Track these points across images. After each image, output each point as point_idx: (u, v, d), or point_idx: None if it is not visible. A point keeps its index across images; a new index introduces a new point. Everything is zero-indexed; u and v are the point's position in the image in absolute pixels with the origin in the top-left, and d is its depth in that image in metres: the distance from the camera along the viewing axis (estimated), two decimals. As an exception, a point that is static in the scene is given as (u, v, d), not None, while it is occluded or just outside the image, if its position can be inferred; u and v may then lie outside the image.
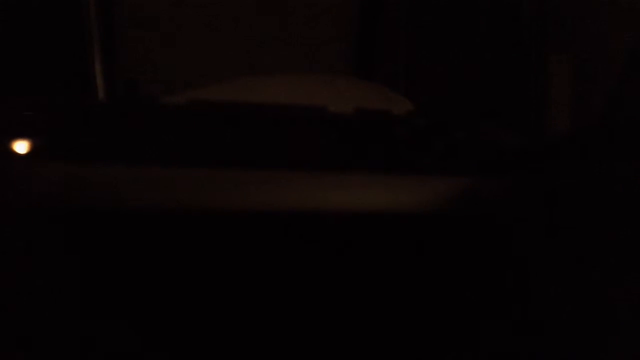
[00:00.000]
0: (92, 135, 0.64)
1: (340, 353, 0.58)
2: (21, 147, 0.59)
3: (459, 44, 1.77)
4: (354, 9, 1.82)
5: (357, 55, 1.82)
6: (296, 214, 0.57)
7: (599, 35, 1.60)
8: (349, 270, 0.58)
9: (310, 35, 1.79)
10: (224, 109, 0.73)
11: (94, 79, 1.55)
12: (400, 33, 1.80)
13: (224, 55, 1.74)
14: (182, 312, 0.56)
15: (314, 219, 0.58)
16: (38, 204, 0.54)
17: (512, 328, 0.58)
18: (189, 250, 0.56)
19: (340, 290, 0.58)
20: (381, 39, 1.82)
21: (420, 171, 0.62)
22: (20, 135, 0.60)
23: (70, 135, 0.64)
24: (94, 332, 0.54)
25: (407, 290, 0.59)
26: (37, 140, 0.60)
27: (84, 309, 0.55)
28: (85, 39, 1.56)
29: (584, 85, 1.63)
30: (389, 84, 1.42)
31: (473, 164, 0.62)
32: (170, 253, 0.56)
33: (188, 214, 0.56)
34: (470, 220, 0.58)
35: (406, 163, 0.63)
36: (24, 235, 0.54)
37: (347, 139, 0.68)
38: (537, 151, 0.64)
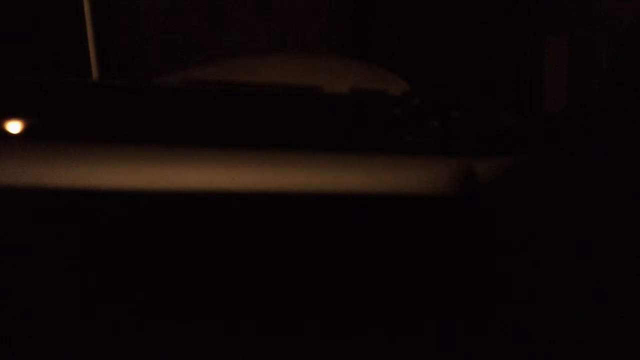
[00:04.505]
0: (84, 115, 0.64)
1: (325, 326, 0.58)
2: (13, 126, 0.59)
3: (455, 25, 1.77)
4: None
5: (352, 36, 1.81)
6: (291, 193, 0.57)
7: (596, 15, 1.60)
8: (345, 248, 0.58)
9: (305, 15, 1.78)
10: (218, 88, 0.72)
11: (88, 59, 1.54)
12: (396, 14, 1.79)
13: (218, 34, 1.73)
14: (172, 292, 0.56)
15: (310, 197, 0.57)
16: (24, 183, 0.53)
17: (509, 311, 0.58)
18: (183, 228, 0.56)
19: (335, 269, 0.58)
20: (377, 19, 1.81)
21: (417, 151, 0.62)
22: (12, 115, 0.59)
23: (63, 115, 0.63)
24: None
25: (403, 267, 0.59)
26: (28, 120, 0.60)
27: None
28: (79, 19, 1.54)
29: (581, 66, 1.63)
30: (384, 64, 1.41)
31: (470, 144, 0.62)
32: (168, 229, 0.56)
33: (178, 192, 0.56)
34: (466, 200, 0.58)
35: (402, 143, 0.63)
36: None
37: (343, 119, 0.67)
38: (534, 131, 0.64)
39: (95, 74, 1.54)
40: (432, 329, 0.59)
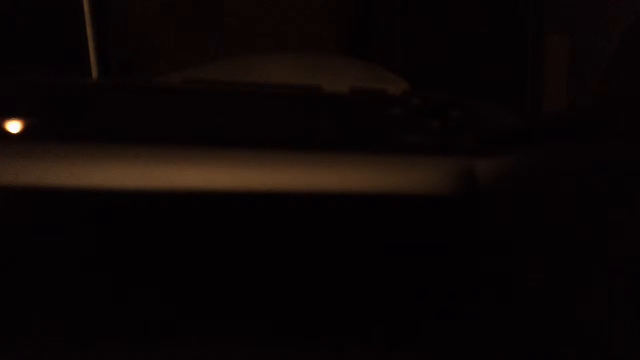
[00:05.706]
0: (84, 115, 0.64)
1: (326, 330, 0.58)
2: (13, 126, 0.59)
3: (455, 25, 1.77)
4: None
5: (352, 35, 1.81)
6: (291, 194, 0.57)
7: (596, 14, 1.60)
8: (341, 251, 0.58)
9: (305, 14, 1.78)
10: (218, 88, 0.72)
11: (88, 59, 1.54)
12: (396, 13, 1.79)
13: (218, 35, 1.73)
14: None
15: (309, 197, 0.57)
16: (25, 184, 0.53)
17: (509, 315, 0.58)
18: (184, 228, 0.56)
19: (334, 269, 0.58)
20: (377, 18, 1.81)
21: (417, 151, 0.62)
22: (12, 115, 0.60)
23: (63, 115, 0.63)
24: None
25: (402, 267, 0.59)
26: (28, 120, 0.60)
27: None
28: (79, 19, 1.54)
29: (581, 65, 1.63)
30: (384, 64, 1.41)
31: (470, 144, 0.62)
32: (169, 230, 0.56)
33: (179, 192, 0.56)
34: (467, 200, 0.58)
35: (402, 143, 0.63)
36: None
37: (342, 119, 0.67)
38: (534, 131, 0.64)
39: (95, 74, 1.54)
40: (432, 330, 0.59)
